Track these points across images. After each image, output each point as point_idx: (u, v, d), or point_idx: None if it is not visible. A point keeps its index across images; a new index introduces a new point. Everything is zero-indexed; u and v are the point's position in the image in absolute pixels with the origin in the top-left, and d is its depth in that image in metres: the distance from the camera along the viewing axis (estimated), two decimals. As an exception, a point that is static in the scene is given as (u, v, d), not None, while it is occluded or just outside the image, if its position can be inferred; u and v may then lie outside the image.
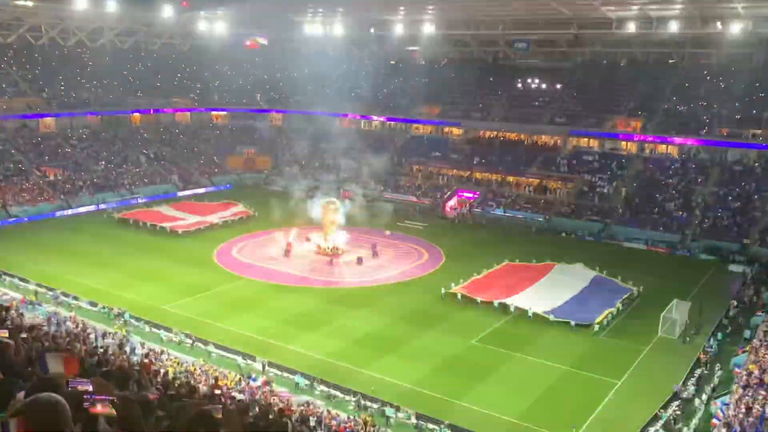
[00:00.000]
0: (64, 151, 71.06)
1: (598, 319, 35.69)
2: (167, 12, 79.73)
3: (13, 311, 23.11)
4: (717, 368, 30.69)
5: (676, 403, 27.33)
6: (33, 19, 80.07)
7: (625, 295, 39.66)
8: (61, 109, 74.85)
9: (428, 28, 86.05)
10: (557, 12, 69.42)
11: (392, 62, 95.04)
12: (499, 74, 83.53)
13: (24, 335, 11.92)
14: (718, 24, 66.64)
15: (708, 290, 43.08)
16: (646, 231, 56.42)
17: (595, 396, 28.18)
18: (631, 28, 70.14)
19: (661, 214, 57.90)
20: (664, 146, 67.05)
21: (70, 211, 61.47)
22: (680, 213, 57.49)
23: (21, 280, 40.86)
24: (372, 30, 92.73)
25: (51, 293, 38.82)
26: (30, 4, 76.38)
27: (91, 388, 3.45)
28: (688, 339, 34.37)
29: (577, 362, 31.72)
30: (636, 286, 41.36)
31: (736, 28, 63.90)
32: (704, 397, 27.97)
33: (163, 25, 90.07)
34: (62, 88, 77.93)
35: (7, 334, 10.74)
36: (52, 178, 65.97)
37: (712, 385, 29.16)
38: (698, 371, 30.34)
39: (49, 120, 73.96)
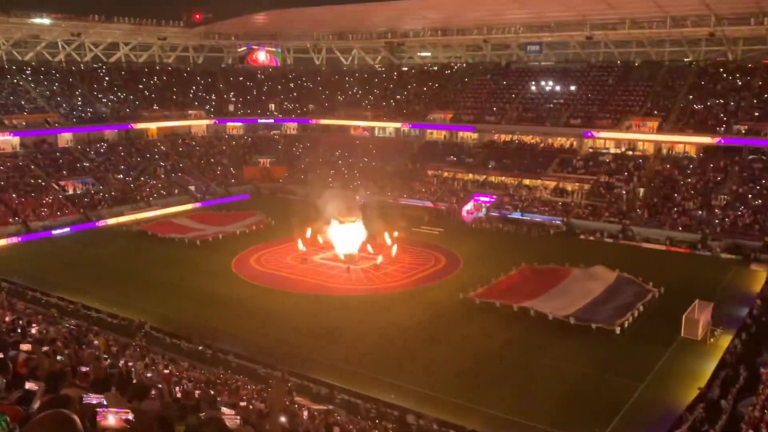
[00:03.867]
0: (82, 166, 71.86)
1: (619, 322, 35.29)
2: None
3: (35, 325, 23.31)
4: (742, 369, 30.18)
5: (702, 404, 26.90)
6: (50, 36, 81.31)
7: (647, 296, 39.20)
8: (79, 123, 75.76)
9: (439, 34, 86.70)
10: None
11: (405, 68, 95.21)
12: (512, 77, 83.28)
13: (46, 348, 12.00)
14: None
15: (731, 290, 42.54)
16: (665, 231, 55.85)
17: (619, 399, 27.82)
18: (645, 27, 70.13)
19: (681, 214, 57.30)
20: (681, 145, 66.40)
21: (89, 225, 62.08)
22: (700, 212, 56.86)
23: (42, 294, 41.26)
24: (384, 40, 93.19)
25: (72, 306, 39.16)
26: (47, 21, 77.73)
27: (105, 402, 3.44)
28: (711, 340, 33.88)
29: (600, 365, 31.37)
30: (657, 287, 40.86)
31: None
32: (730, 398, 27.50)
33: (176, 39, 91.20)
34: (79, 103, 78.91)
35: (30, 348, 10.83)
36: (71, 192, 66.74)
37: (737, 386, 28.68)
38: (723, 372, 29.85)
39: (67, 135, 74.86)
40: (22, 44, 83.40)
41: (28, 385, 6.33)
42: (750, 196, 56.96)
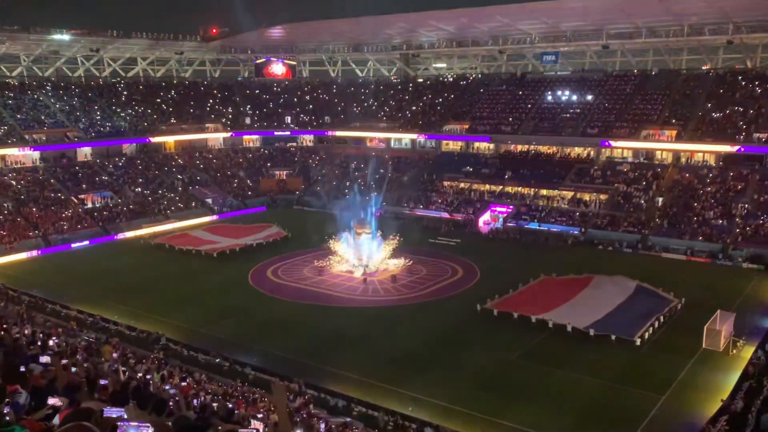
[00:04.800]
0: (101, 179, 72.61)
1: (639, 333, 34.84)
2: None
3: (54, 338, 23.47)
4: (766, 381, 29.63)
5: (724, 417, 26.41)
6: (69, 52, 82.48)
7: (668, 307, 38.71)
8: (98, 138, 76.62)
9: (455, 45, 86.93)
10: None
11: (420, 80, 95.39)
12: (528, 87, 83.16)
13: (65, 361, 12.04)
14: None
15: (753, 300, 41.93)
16: (685, 241, 55.26)
17: (640, 411, 27.40)
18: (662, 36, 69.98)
19: (701, 223, 56.68)
20: (700, 154, 65.80)
21: (108, 238, 62.62)
22: (720, 221, 56.21)
23: (62, 306, 41.57)
24: (399, 53, 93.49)
25: (91, 319, 39.40)
26: (67, 38, 78.86)
27: (125, 416, 3.41)
28: (733, 351, 33.36)
29: (620, 377, 30.96)
30: (677, 298, 40.36)
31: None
32: (753, 411, 26.99)
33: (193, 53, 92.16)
34: (98, 117, 79.83)
35: (49, 360, 10.87)
36: (90, 205, 67.40)
37: (761, 398, 28.14)
38: (746, 384, 29.32)
39: (86, 149, 75.73)
40: (42, 60, 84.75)
41: (52, 401, 6.33)
42: (771, 204, 56.29)
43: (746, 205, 57.02)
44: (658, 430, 26.18)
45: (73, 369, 10.78)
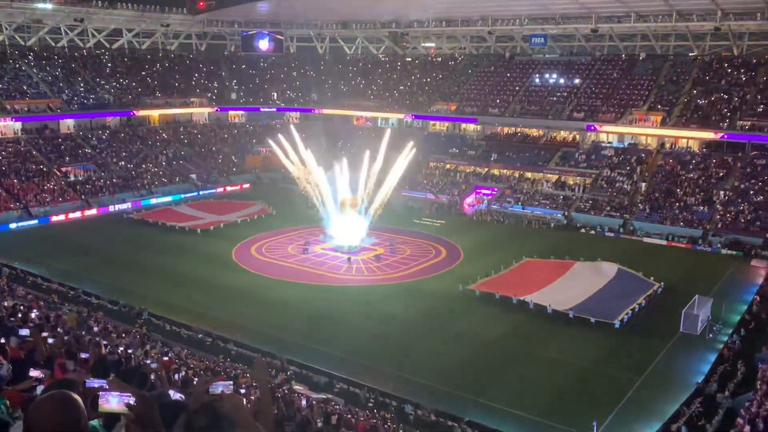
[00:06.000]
0: (84, 152, 71.80)
1: (619, 317, 35.31)
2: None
3: (35, 310, 23.34)
4: (740, 365, 30.24)
5: (699, 399, 26.96)
6: (52, 21, 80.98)
7: (648, 291, 39.21)
8: (81, 110, 75.58)
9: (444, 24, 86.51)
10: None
11: (408, 59, 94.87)
12: (516, 69, 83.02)
13: (45, 334, 12.02)
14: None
15: (730, 286, 42.57)
16: (666, 226, 55.84)
17: (617, 393, 27.89)
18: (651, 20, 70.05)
19: (682, 209, 57.26)
20: (684, 140, 66.27)
21: (90, 212, 62.10)
22: (701, 208, 56.82)
23: (43, 279, 41.31)
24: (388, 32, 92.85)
25: (72, 292, 39.22)
26: (49, 6, 77.35)
27: (106, 387, 3.45)
28: (710, 335, 33.94)
29: (598, 359, 31.44)
30: (657, 282, 40.88)
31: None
32: (727, 393, 27.55)
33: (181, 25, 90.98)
34: (82, 89, 78.70)
35: (28, 333, 10.86)
36: (72, 178, 66.71)
37: (735, 381, 28.73)
38: (721, 368, 29.92)
39: (69, 121, 74.72)
40: (24, 29, 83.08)
41: (34, 373, 6.35)
42: (752, 192, 56.88)
43: (728, 192, 57.64)
44: (634, 410, 26.68)
45: (50, 341, 10.76)
